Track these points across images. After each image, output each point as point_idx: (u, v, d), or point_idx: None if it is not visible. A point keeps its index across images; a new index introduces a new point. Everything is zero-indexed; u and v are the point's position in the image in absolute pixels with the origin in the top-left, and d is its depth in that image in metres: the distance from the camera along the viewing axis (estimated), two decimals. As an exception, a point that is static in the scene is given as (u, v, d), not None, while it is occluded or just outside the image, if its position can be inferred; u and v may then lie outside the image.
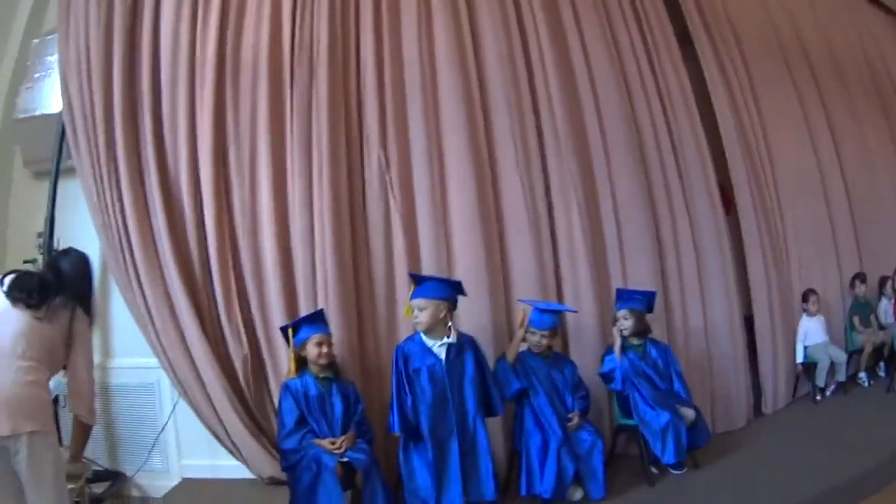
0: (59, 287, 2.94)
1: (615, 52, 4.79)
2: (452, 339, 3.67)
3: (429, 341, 3.71)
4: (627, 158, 4.63)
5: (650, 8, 5.02)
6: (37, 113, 4.72)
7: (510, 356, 3.97)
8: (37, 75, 4.83)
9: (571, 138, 4.47)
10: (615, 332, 4.20)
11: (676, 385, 4.20)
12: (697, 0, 5.26)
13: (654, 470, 4.05)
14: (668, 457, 3.93)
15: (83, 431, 3.02)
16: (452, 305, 3.74)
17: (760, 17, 5.82)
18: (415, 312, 3.68)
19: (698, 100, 5.07)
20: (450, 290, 3.74)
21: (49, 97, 4.71)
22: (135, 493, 4.47)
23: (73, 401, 2.93)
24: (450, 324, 3.69)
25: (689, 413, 4.05)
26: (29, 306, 2.76)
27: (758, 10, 5.84)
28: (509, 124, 4.39)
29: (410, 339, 3.79)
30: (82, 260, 3.20)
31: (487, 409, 3.79)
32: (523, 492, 3.76)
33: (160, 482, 4.39)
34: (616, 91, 4.70)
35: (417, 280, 3.81)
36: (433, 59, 4.38)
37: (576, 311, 4.33)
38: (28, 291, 2.78)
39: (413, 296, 3.71)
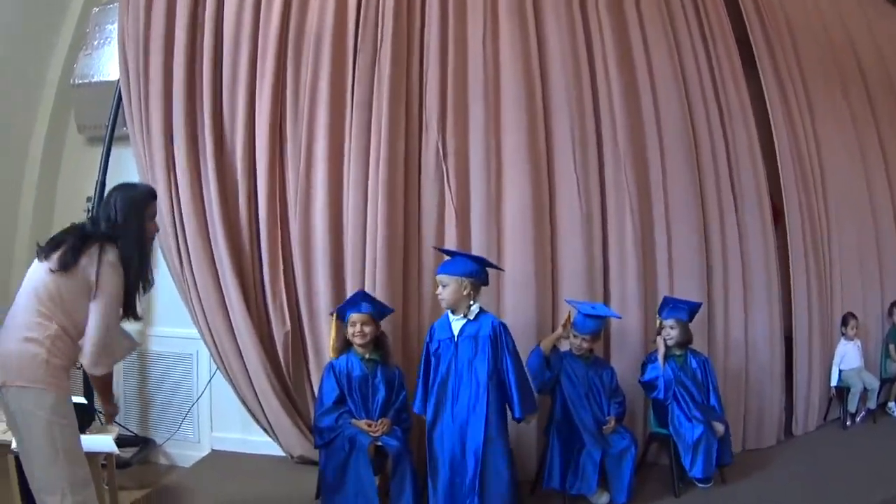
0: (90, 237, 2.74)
1: (677, 59, 4.72)
2: (471, 315, 3.51)
3: (451, 318, 3.60)
4: (682, 167, 4.57)
5: (713, 16, 4.94)
6: (93, 80, 4.78)
7: (545, 346, 3.89)
8: (95, 42, 4.88)
9: (629, 144, 4.42)
10: (660, 340, 4.14)
11: (712, 399, 4.14)
12: (759, 9, 5.19)
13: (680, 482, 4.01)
14: (697, 470, 3.88)
15: (94, 382, 2.89)
16: (478, 283, 3.57)
17: (817, 28, 5.72)
18: (438, 289, 3.56)
19: (754, 111, 4.98)
20: (474, 267, 3.56)
21: (107, 65, 4.76)
22: (162, 460, 4.52)
23: (83, 348, 2.71)
24: (472, 302, 3.52)
25: (720, 428, 4.00)
26: (47, 258, 2.64)
27: (815, 22, 5.74)
28: (569, 125, 4.34)
29: (445, 315, 3.69)
30: (126, 198, 2.83)
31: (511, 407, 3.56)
32: (545, 485, 3.75)
33: (189, 452, 4.46)
34: (676, 98, 4.64)
35: (444, 255, 3.74)
36: (497, 52, 4.34)
37: (620, 318, 4.27)
38: (54, 245, 2.68)
39: (438, 271, 3.61)
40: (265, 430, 4.19)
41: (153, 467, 4.46)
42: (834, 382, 5.22)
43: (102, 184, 4.37)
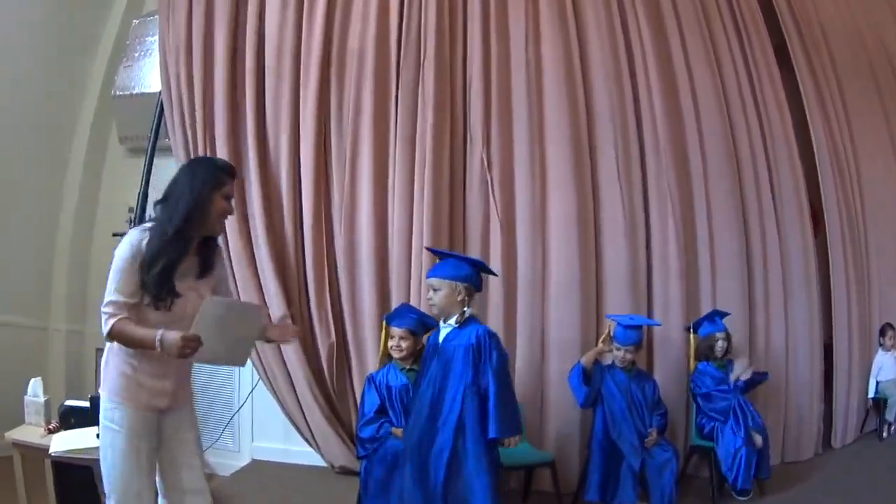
0: None
1: (716, 65, 4.68)
2: (453, 322, 3.16)
3: (441, 325, 3.28)
4: (723, 174, 4.54)
5: (750, 22, 4.90)
6: (134, 91, 4.85)
7: (586, 361, 3.84)
8: (136, 54, 4.94)
9: (671, 153, 4.40)
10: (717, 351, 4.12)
11: (750, 408, 4.09)
12: (794, 15, 5.14)
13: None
14: (740, 481, 3.84)
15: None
16: (473, 288, 3.23)
17: (850, 31, 5.67)
18: (429, 293, 3.23)
19: (791, 117, 4.94)
20: (469, 271, 3.22)
21: (147, 76, 4.82)
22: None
23: None
24: (466, 309, 3.17)
25: (758, 440, 3.98)
26: None
27: (848, 25, 5.69)
28: (612, 134, 4.33)
29: None
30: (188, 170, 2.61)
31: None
32: (586, 496, 3.72)
33: (229, 461, 4.45)
34: (715, 105, 4.61)
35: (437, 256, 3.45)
36: (539, 64, 4.34)
37: (660, 325, 4.26)
38: None
39: (429, 274, 3.31)
40: (307, 440, 4.19)
41: None
42: (871, 394, 5.17)
43: (145, 194, 4.39)
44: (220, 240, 3.96)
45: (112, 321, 2.31)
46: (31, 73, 4.90)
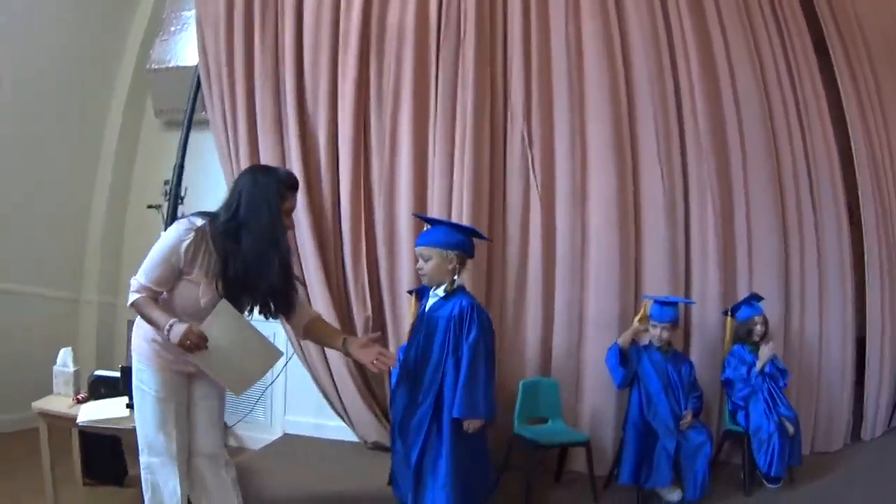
0: None
1: (756, 55, 4.65)
2: (440, 292, 2.99)
3: (431, 293, 3.10)
4: (763, 165, 4.50)
5: (790, 15, 4.87)
6: (170, 65, 4.85)
7: (623, 341, 3.80)
8: (172, 28, 4.94)
9: (711, 140, 4.37)
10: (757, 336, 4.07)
11: (783, 397, 4.06)
12: (832, 10, 5.13)
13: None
14: (773, 468, 3.80)
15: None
16: (465, 256, 3.02)
17: (887, 23, 5.63)
18: (419, 262, 3.05)
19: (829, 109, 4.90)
20: (460, 238, 3.02)
21: (184, 50, 4.82)
22: (232, 442, 4.54)
23: None
24: (456, 278, 2.98)
25: (790, 428, 3.94)
26: None
27: (885, 22, 5.66)
28: (652, 115, 4.30)
29: None
30: (255, 183, 2.54)
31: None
32: (620, 480, 3.68)
33: (260, 435, 4.47)
34: (756, 94, 4.57)
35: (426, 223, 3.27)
36: (580, 43, 4.32)
37: (694, 303, 4.25)
38: None
39: (417, 242, 3.10)
40: (340, 414, 4.19)
41: None
42: (901, 387, 5.17)
43: (181, 167, 4.36)
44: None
45: (135, 296, 2.45)
46: (66, 48, 4.90)
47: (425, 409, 2.90)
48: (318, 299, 3.99)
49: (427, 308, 3.05)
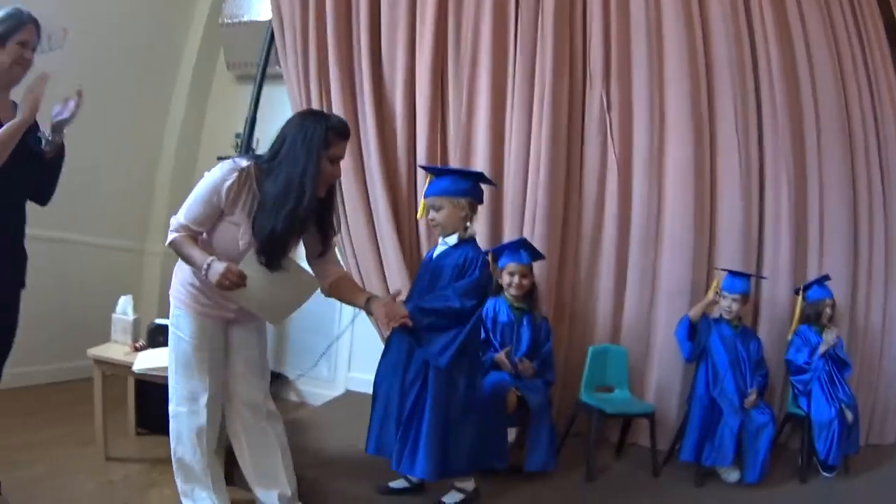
0: None
1: (832, 33, 4.56)
2: (451, 240, 2.86)
3: (440, 242, 2.96)
4: (836, 144, 4.41)
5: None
6: (243, 19, 4.85)
7: (694, 314, 3.77)
8: None
9: (787, 114, 4.28)
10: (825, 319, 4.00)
11: (845, 383, 3.97)
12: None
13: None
14: (831, 455, 3.74)
15: None
16: (476, 202, 2.93)
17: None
18: (430, 213, 2.91)
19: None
20: (468, 184, 2.90)
21: (256, 4, 4.82)
22: (293, 397, 4.57)
23: None
24: (469, 225, 2.89)
25: (849, 416, 3.85)
26: None
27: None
28: (730, 85, 4.23)
29: None
30: (300, 126, 2.48)
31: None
32: (681, 456, 3.62)
33: (322, 391, 4.47)
34: (831, 73, 4.48)
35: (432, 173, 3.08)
36: (659, 8, 4.26)
37: (766, 278, 4.18)
38: None
39: (426, 192, 2.94)
40: None
41: (282, 402, 4.43)
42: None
43: (252, 120, 4.35)
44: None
45: (173, 235, 2.40)
46: (137, 3, 4.92)
47: (418, 361, 2.78)
48: (390, 255, 3.97)
49: (434, 255, 2.94)
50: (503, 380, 3.35)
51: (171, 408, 2.54)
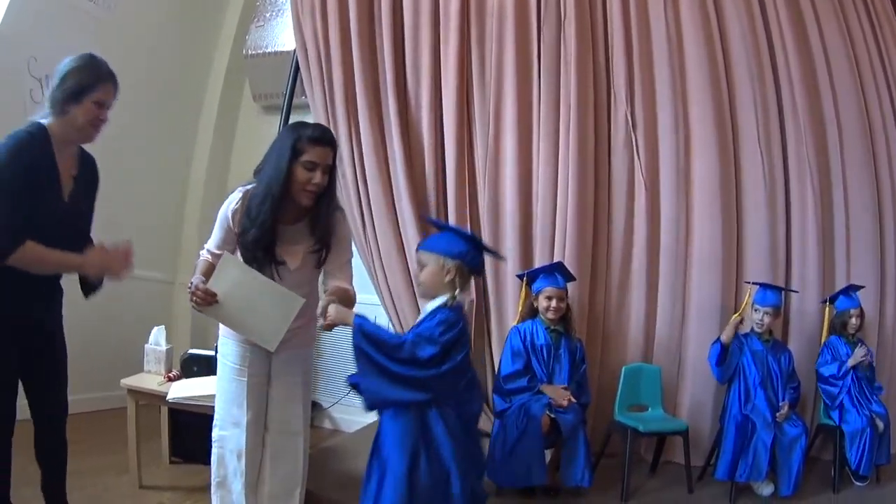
0: None
1: (849, 41, 4.57)
2: (432, 306, 2.47)
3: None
4: (858, 150, 4.41)
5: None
6: (267, 50, 4.90)
7: (726, 336, 3.74)
8: (267, 14, 4.98)
9: (809, 123, 4.28)
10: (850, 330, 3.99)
11: (871, 393, 3.96)
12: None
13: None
14: (863, 465, 3.75)
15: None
16: (468, 269, 2.51)
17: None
18: (416, 268, 2.78)
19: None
20: (462, 246, 2.49)
21: (280, 36, 4.86)
22: (326, 424, 4.63)
23: None
24: (457, 292, 2.45)
25: (880, 425, 3.84)
26: None
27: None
28: (752, 98, 4.23)
29: None
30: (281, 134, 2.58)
31: None
32: (717, 475, 3.60)
33: (355, 418, 4.48)
34: (850, 79, 4.47)
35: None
36: (679, 25, 4.27)
37: (797, 292, 4.17)
38: None
39: (418, 247, 2.71)
40: None
41: (316, 430, 4.45)
42: None
43: (280, 152, 4.50)
44: (363, 191, 4.11)
45: (198, 259, 2.55)
46: (162, 37, 4.99)
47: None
48: None
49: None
50: (536, 404, 3.38)
51: (215, 433, 2.59)
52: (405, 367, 2.38)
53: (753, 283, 3.90)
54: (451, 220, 4.06)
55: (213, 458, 2.58)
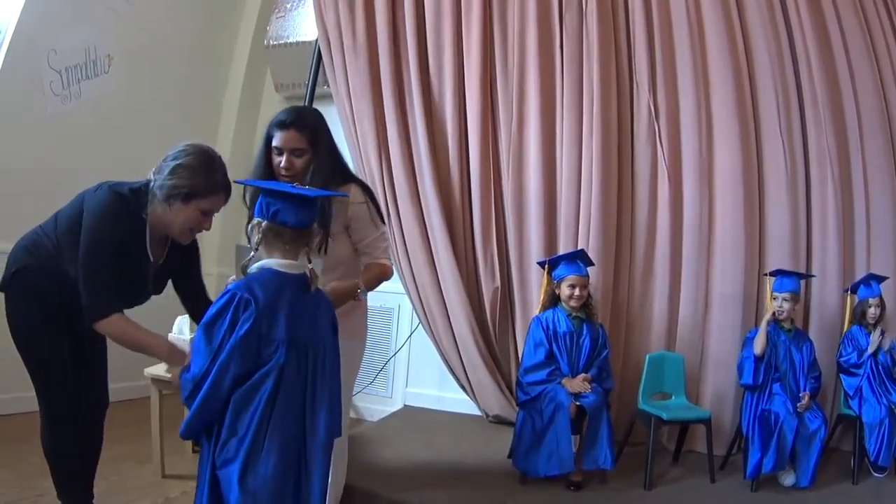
0: None
1: (867, 29, 4.54)
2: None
3: None
4: (879, 140, 4.39)
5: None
6: (289, 41, 4.89)
7: (759, 350, 3.76)
8: (288, 5, 4.94)
9: (829, 112, 4.27)
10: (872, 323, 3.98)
11: (891, 382, 3.96)
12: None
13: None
14: (882, 456, 3.74)
15: None
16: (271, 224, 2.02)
17: None
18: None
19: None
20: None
21: (301, 26, 4.85)
22: (351, 414, 4.64)
23: None
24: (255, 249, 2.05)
25: None
26: None
27: None
28: (773, 87, 4.22)
29: None
30: None
31: None
32: (748, 476, 3.58)
33: (379, 406, 4.49)
34: (868, 68, 4.46)
35: None
36: (700, 16, 4.27)
37: (814, 276, 4.17)
38: None
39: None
40: (463, 387, 4.18)
41: None
42: None
43: (302, 143, 4.55)
44: (383, 181, 4.17)
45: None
46: (182, 29, 5.00)
47: None
48: (445, 269, 4.01)
49: None
50: (562, 393, 3.39)
51: None
52: None
53: (770, 274, 3.90)
54: (475, 209, 4.08)
55: None
